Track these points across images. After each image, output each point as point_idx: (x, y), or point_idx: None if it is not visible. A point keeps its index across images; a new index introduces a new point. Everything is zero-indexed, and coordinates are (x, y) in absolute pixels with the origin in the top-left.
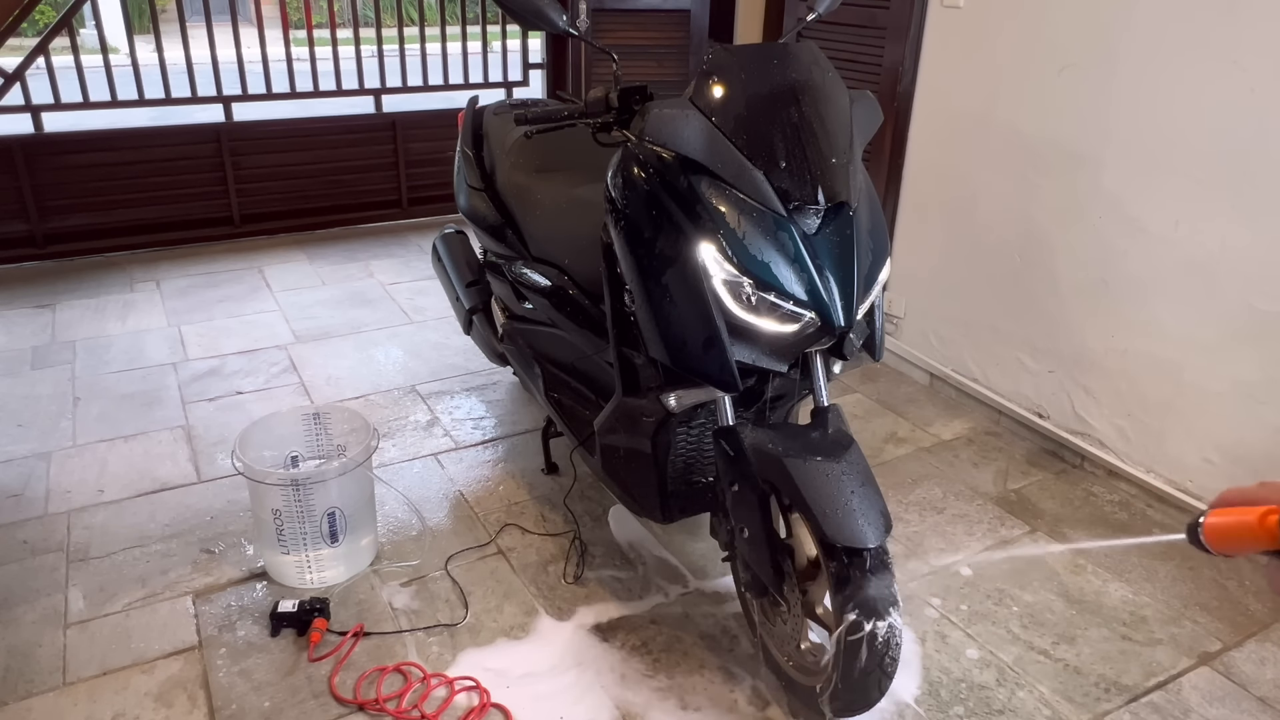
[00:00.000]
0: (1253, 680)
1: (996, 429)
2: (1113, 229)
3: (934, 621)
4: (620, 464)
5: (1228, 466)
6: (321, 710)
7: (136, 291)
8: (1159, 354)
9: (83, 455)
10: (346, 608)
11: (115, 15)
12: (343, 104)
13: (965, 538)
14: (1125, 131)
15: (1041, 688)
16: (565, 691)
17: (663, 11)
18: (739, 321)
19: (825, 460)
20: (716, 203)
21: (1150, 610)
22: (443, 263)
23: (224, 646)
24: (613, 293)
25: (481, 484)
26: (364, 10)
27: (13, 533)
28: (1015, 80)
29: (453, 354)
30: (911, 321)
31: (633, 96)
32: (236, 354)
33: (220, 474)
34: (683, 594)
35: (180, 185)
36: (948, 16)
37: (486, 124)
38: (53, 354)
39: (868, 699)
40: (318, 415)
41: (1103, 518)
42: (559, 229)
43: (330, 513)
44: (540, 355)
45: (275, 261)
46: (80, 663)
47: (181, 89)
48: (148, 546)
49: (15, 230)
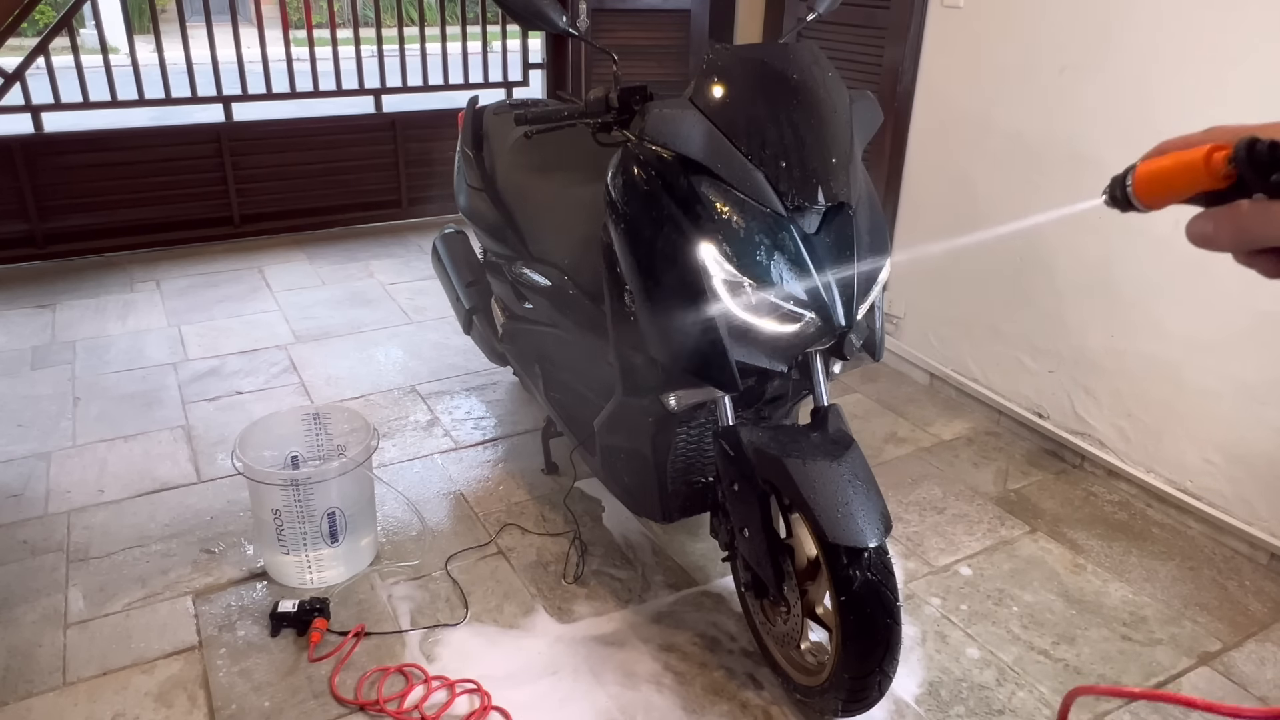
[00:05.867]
0: (1253, 680)
1: (996, 429)
2: (1113, 229)
3: (934, 621)
4: (620, 464)
5: (1228, 466)
6: (322, 710)
7: (136, 291)
8: (1159, 354)
9: (83, 455)
10: (346, 608)
11: (115, 15)
12: (343, 104)
13: (965, 538)
14: (1125, 131)
15: (1041, 688)
16: (565, 692)
17: (663, 11)
18: (739, 321)
19: (825, 460)
20: (716, 203)
21: (1150, 610)
22: (443, 263)
23: (224, 646)
24: (613, 293)
25: (481, 484)
26: (364, 10)
27: (13, 533)
28: (1015, 80)
29: (453, 354)
30: (911, 321)
31: (633, 96)
32: (236, 354)
33: (220, 474)
34: (683, 594)
35: (180, 185)
36: (948, 16)
37: (486, 124)
38: (53, 354)
39: (868, 698)
40: (318, 415)
41: (1103, 518)
42: (559, 229)
43: (330, 513)
44: (540, 355)
45: (275, 261)
46: (80, 663)
47: (181, 89)
48: (148, 546)
49: (15, 230)
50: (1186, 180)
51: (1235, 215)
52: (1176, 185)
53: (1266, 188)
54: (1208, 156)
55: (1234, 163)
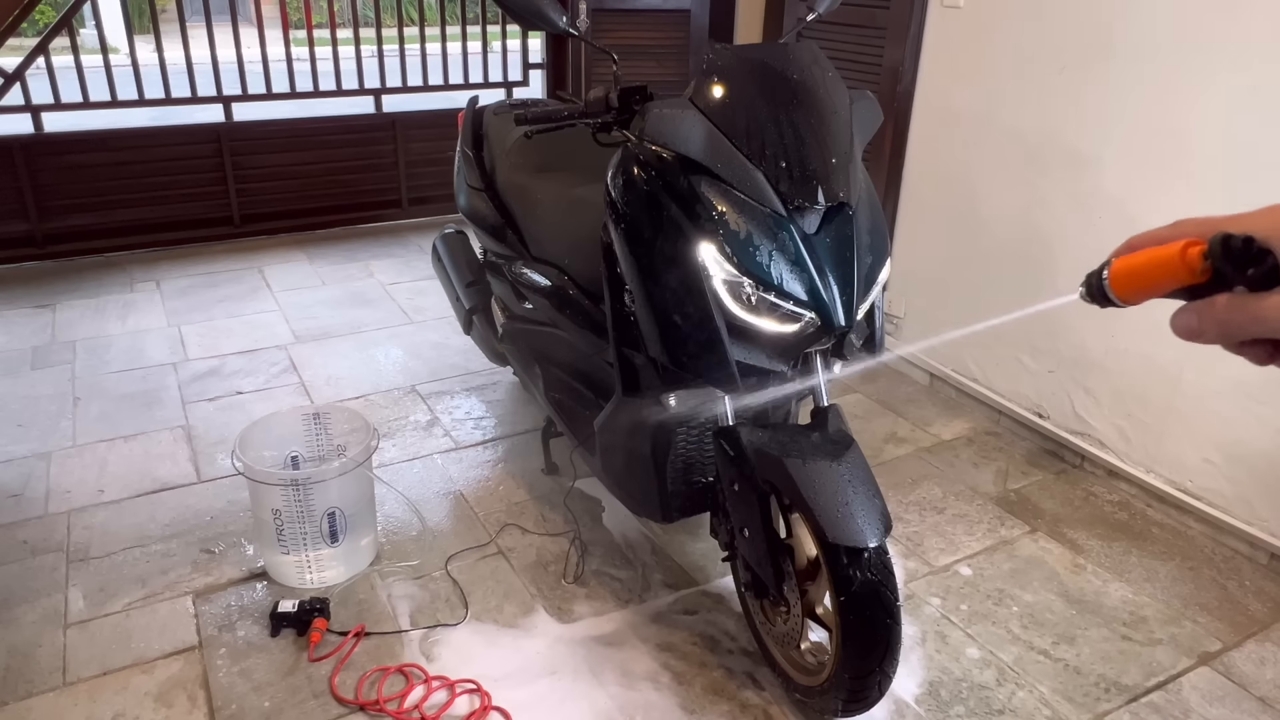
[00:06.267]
0: (1253, 680)
1: (996, 429)
2: (1113, 229)
3: (934, 621)
4: (620, 464)
5: (1228, 466)
6: (322, 710)
7: (136, 291)
8: (1159, 354)
9: (83, 455)
10: (346, 608)
11: (115, 15)
12: (343, 104)
13: (965, 538)
14: (1125, 131)
15: (1041, 688)
16: (565, 692)
17: (663, 11)
18: (739, 321)
19: (825, 460)
20: (716, 203)
21: (1150, 610)
22: (443, 263)
23: (224, 646)
24: (613, 293)
25: (481, 484)
26: (364, 10)
27: (13, 533)
28: (1015, 80)
29: (453, 354)
30: (911, 321)
31: (633, 96)
32: (236, 354)
33: (220, 474)
34: (682, 594)
35: (180, 185)
36: (948, 16)
37: (486, 124)
38: (53, 354)
39: (868, 698)
40: (318, 415)
41: (1103, 518)
42: (559, 229)
43: (330, 513)
44: (540, 355)
45: (275, 261)
46: (80, 663)
47: (181, 89)
48: (148, 546)
49: (15, 230)
50: (1164, 276)
51: (1217, 310)
52: (1154, 281)
53: (1245, 281)
54: (1183, 253)
55: (1210, 258)
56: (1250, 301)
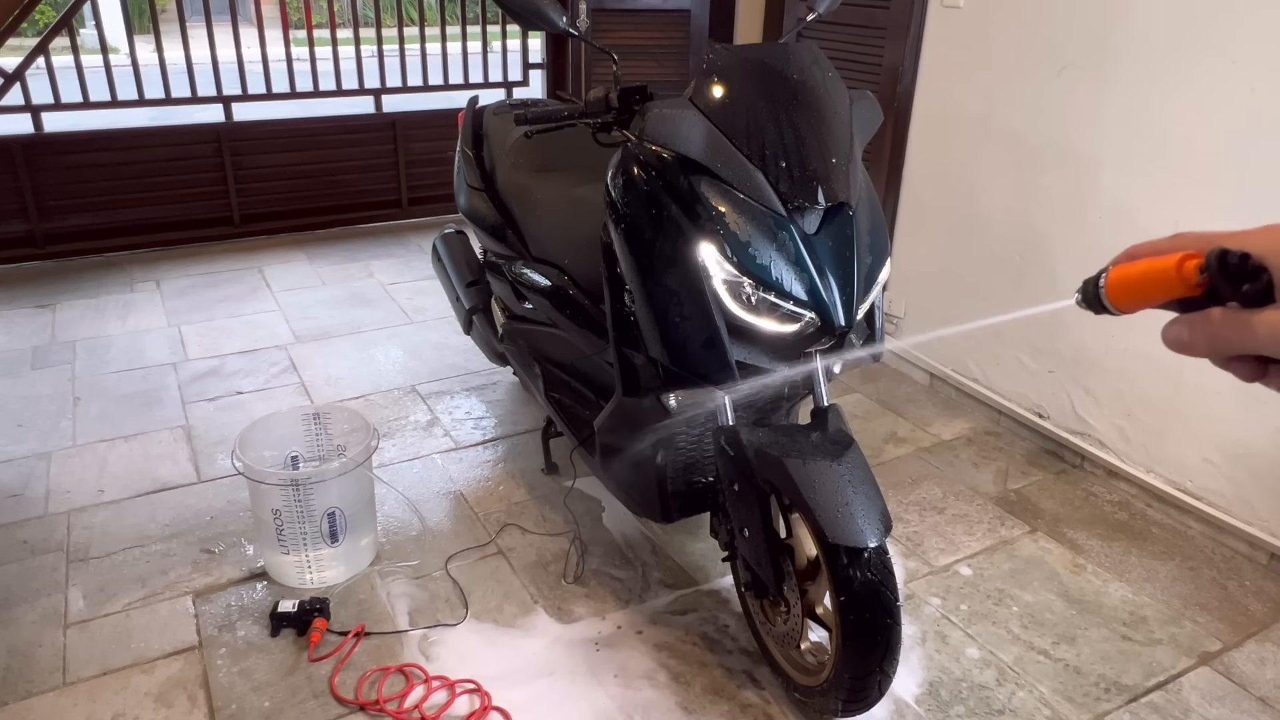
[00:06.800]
0: (1253, 680)
1: (996, 429)
2: (1112, 229)
3: (934, 621)
4: (620, 464)
5: (1228, 466)
6: (322, 710)
7: (136, 291)
8: (1159, 354)
9: (83, 455)
10: (346, 608)
11: (115, 15)
12: (343, 104)
13: (965, 538)
14: (1125, 131)
15: (1041, 688)
16: (565, 692)
17: (663, 11)
18: (739, 321)
19: (825, 460)
20: (716, 203)
21: (1150, 610)
22: (443, 263)
23: (224, 646)
24: (613, 293)
25: (481, 484)
26: (364, 10)
27: (13, 533)
28: (1015, 80)
29: (453, 354)
30: (911, 321)
31: (633, 96)
32: (236, 354)
33: (220, 474)
34: (682, 594)
35: (180, 185)
36: (948, 16)
37: (486, 124)
38: (53, 354)
39: (868, 698)
40: (318, 415)
41: (1103, 518)
42: (559, 229)
43: (330, 513)
44: (540, 355)
45: (275, 261)
46: (80, 663)
47: (181, 89)
48: (148, 546)
49: (15, 230)
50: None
51: (1209, 323)
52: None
53: (1239, 296)
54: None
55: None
56: (1242, 317)
